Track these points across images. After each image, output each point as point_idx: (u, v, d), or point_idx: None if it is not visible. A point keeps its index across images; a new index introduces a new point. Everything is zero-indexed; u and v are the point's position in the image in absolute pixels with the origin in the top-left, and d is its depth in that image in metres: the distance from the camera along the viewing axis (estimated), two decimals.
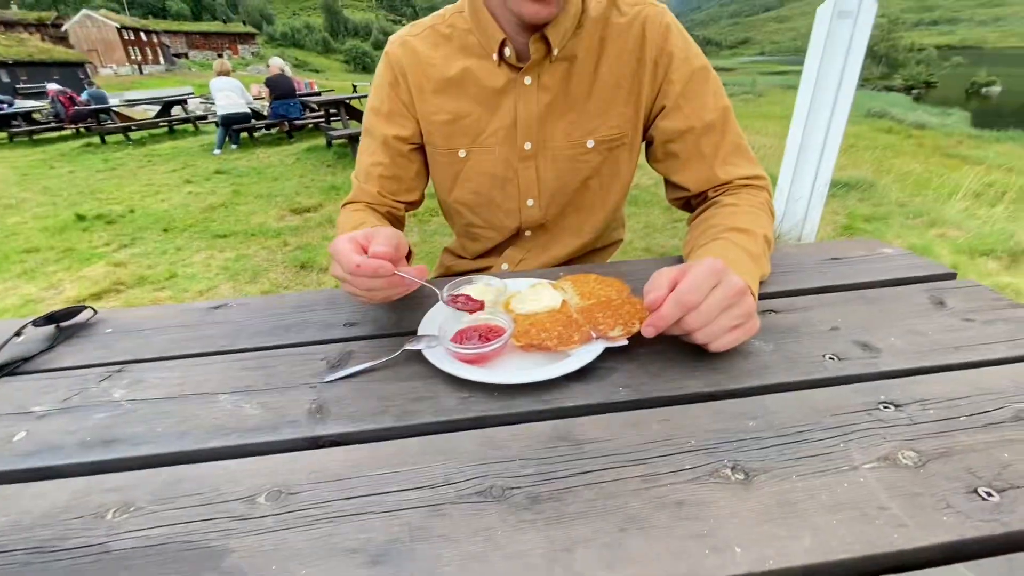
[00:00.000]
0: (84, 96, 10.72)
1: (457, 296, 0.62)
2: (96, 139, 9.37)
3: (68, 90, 10.97)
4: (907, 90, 32.86)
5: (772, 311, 0.63)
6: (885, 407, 0.46)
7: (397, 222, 0.95)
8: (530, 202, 0.89)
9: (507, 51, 0.78)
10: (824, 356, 0.54)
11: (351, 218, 0.86)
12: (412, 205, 0.96)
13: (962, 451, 0.41)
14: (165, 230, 4.16)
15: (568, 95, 0.82)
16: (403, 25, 0.94)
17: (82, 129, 10.41)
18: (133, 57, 65.30)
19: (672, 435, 0.44)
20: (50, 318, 0.69)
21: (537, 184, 0.87)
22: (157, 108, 10.93)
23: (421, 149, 0.92)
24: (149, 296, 2.95)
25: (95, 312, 0.73)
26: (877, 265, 0.74)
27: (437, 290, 0.64)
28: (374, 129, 0.89)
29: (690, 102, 0.80)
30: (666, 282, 0.51)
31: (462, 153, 0.87)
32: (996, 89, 33.84)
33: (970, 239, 3.00)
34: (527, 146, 0.84)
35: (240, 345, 0.64)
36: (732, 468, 0.40)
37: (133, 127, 9.44)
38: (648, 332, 0.52)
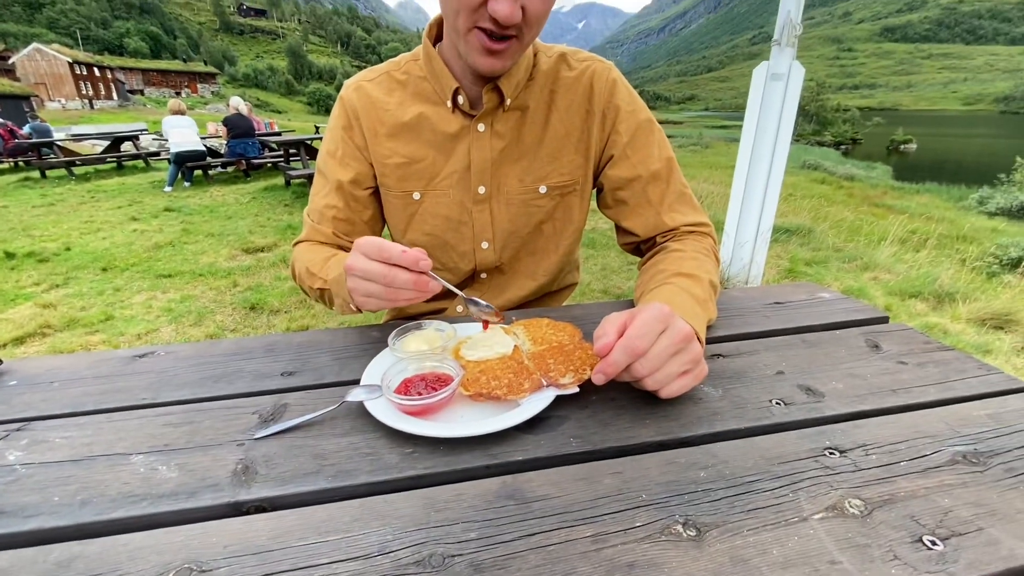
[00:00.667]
0: (26, 129, 10.27)
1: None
2: (36, 173, 8.89)
3: (8, 123, 10.49)
4: (836, 145, 35.91)
5: (720, 355, 0.64)
6: (831, 453, 0.46)
7: None
8: (485, 244, 0.89)
9: (460, 99, 0.80)
10: (771, 401, 0.54)
11: (317, 251, 0.84)
12: None
13: (905, 498, 0.41)
14: (104, 269, 3.92)
15: (521, 142, 0.84)
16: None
17: (21, 163, 9.88)
18: (84, 92, 63.43)
19: (623, 489, 0.43)
20: None
21: (492, 227, 0.87)
22: (106, 143, 10.56)
23: (375, 194, 0.91)
24: (79, 340, 2.74)
25: (0, 362, 0.66)
26: (816, 309, 0.77)
27: (462, 294, 0.64)
28: (328, 171, 0.88)
29: (637, 152, 0.83)
30: (614, 328, 0.51)
31: (416, 195, 0.87)
32: (913, 146, 37.47)
33: (899, 282, 3.22)
34: (481, 190, 0.85)
35: (163, 398, 0.58)
36: (684, 524, 0.39)
37: (77, 162, 9.02)
38: (598, 379, 0.51)
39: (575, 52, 0.86)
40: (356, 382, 0.59)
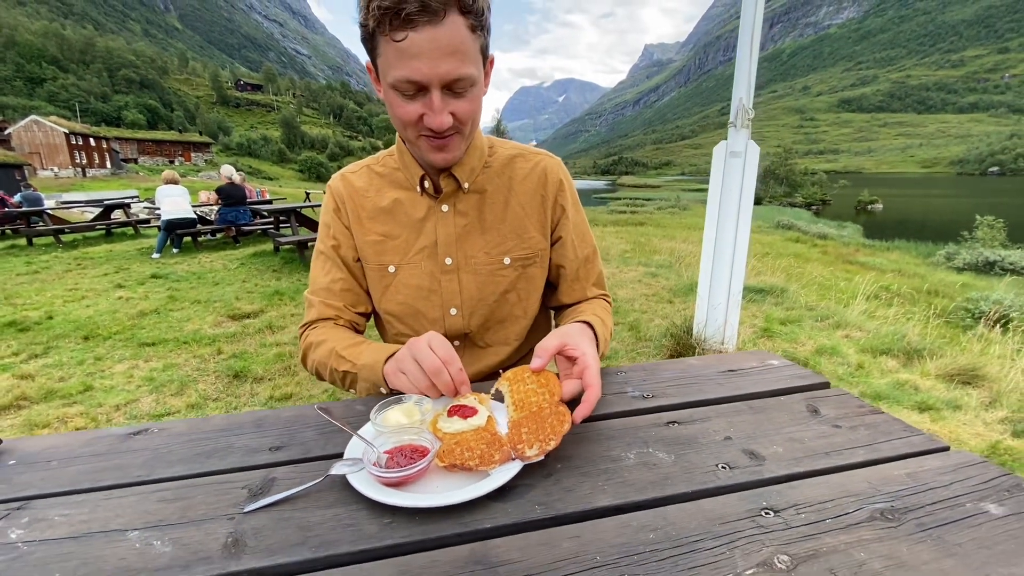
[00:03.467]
0: (17, 198, 10.40)
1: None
2: (23, 241, 8.92)
3: (0, 192, 10.62)
4: (807, 206, 37.74)
5: (676, 422, 0.70)
6: (766, 513, 0.52)
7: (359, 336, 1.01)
8: (453, 311, 0.98)
9: (426, 184, 0.94)
10: (717, 465, 0.60)
11: (342, 335, 0.94)
12: (366, 317, 1.05)
13: (827, 552, 0.46)
14: (86, 338, 3.89)
15: (483, 220, 0.97)
16: (358, 140, 1.12)
17: (8, 231, 9.93)
18: (77, 160, 64.68)
19: (579, 552, 0.47)
20: None
21: (459, 294, 0.97)
22: (96, 211, 10.70)
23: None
24: (55, 412, 2.68)
25: (0, 441, 0.69)
26: (765, 376, 0.84)
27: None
28: (327, 249, 1.00)
29: (575, 240, 1.02)
30: (550, 349, 0.72)
31: (391, 268, 0.98)
32: (879, 206, 39.51)
33: (870, 339, 3.34)
34: (448, 261, 0.96)
35: (157, 475, 0.62)
36: None
37: (66, 229, 9.10)
38: (579, 419, 0.65)
39: (528, 148, 1.04)
40: (340, 455, 0.63)
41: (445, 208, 0.95)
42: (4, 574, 0.47)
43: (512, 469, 0.57)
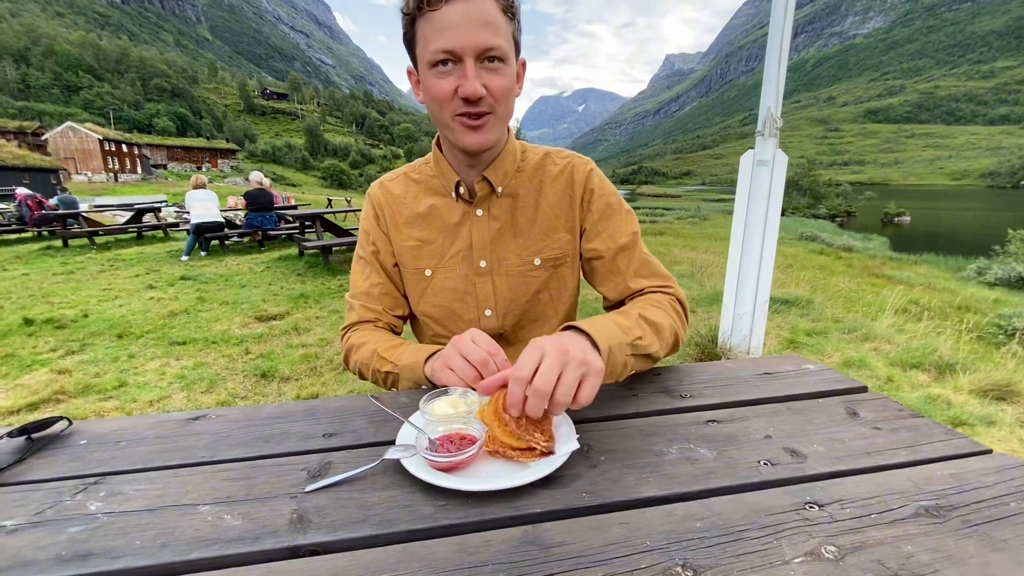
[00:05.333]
0: (54, 201, 10.80)
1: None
2: (58, 242, 9.27)
3: (37, 195, 11.05)
4: (831, 218, 37.04)
5: (715, 421, 0.72)
6: (811, 507, 0.53)
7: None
8: (488, 312, 1.01)
9: (461, 189, 0.97)
10: (759, 461, 0.61)
11: (383, 336, 0.97)
12: (404, 320, 1.09)
13: (873, 545, 0.47)
14: (119, 336, 4.02)
15: (515, 223, 0.99)
16: (379, 148, 1.15)
17: (45, 232, 10.32)
18: (110, 166, 67.00)
19: (629, 537, 0.49)
20: (23, 430, 0.70)
21: (493, 296, 1.00)
22: (128, 215, 11.07)
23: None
24: (92, 407, 2.78)
25: (70, 423, 0.74)
26: (802, 379, 0.85)
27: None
28: (367, 255, 1.04)
29: (607, 228, 1.00)
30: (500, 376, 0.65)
31: (428, 272, 1.01)
32: (906, 219, 38.60)
33: (900, 353, 3.27)
34: (482, 264, 0.99)
35: (220, 456, 0.66)
36: (682, 566, 0.45)
37: (100, 231, 9.43)
38: (513, 413, 0.61)
39: (558, 151, 1.05)
40: (391, 443, 0.66)
41: (480, 212, 0.98)
42: (88, 541, 0.51)
43: (555, 461, 0.60)
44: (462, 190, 0.97)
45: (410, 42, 0.85)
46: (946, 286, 10.06)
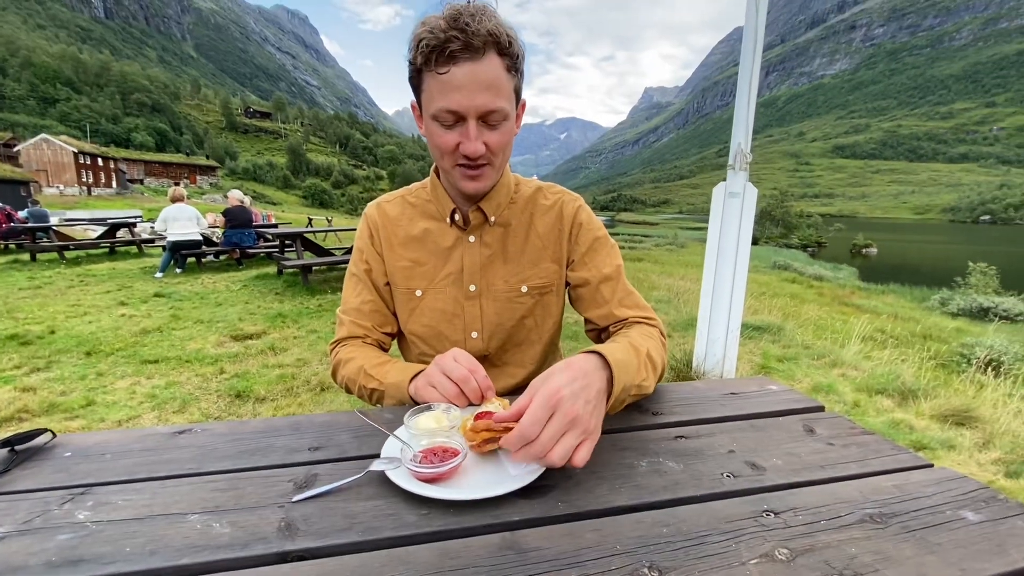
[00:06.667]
0: (23, 214, 10.52)
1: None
2: (26, 256, 8.99)
3: (6, 207, 10.76)
4: (803, 248, 38.28)
5: (683, 436, 0.76)
6: (767, 514, 0.57)
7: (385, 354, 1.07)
8: (474, 334, 1.05)
9: (456, 216, 1.01)
10: (722, 474, 0.66)
11: (370, 353, 1.00)
12: (392, 337, 1.12)
13: (822, 548, 0.52)
14: (88, 354, 3.91)
15: (505, 251, 1.04)
16: (362, 169, 1.19)
17: (12, 246, 10.01)
18: (84, 179, 65.48)
19: (601, 541, 0.53)
20: (6, 442, 0.70)
21: (480, 319, 1.04)
22: (100, 229, 10.82)
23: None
24: (57, 426, 2.69)
25: (54, 435, 0.75)
26: (765, 399, 0.90)
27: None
28: (360, 272, 1.07)
29: (593, 259, 1.06)
30: (514, 412, 0.63)
31: (418, 292, 1.05)
32: (874, 250, 40.12)
33: (866, 379, 3.39)
34: (472, 288, 1.03)
35: (207, 468, 0.67)
36: (649, 567, 0.49)
37: (71, 246, 9.19)
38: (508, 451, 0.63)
39: (550, 186, 1.11)
40: (375, 456, 0.69)
41: (472, 239, 1.03)
42: (78, 548, 0.52)
43: (536, 470, 0.63)
44: (456, 217, 1.01)
45: (416, 87, 0.88)
46: (911, 315, 10.45)
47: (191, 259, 8.33)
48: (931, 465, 0.69)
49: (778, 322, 4.93)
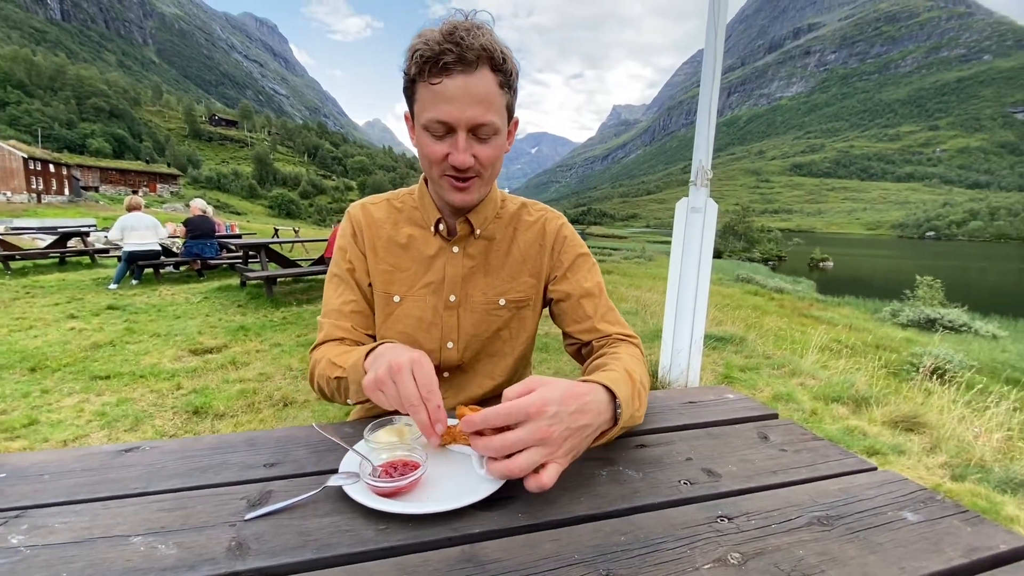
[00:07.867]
0: None
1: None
2: None
3: None
4: (764, 261, 39.73)
5: (643, 445, 0.77)
6: (721, 520, 0.59)
7: None
8: (450, 345, 1.04)
9: (441, 226, 1.01)
10: (680, 481, 0.67)
11: (340, 348, 0.96)
12: (373, 339, 1.07)
13: (772, 551, 0.54)
14: (32, 369, 3.68)
15: (487, 264, 1.04)
16: (332, 180, 1.16)
17: None
18: (33, 186, 62.19)
19: (560, 552, 0.53)
20: None
21: (457, 330, 1.04)
22: (50, 238, 10.28)
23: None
24: None
25: None
26: (722, 407, 0.93)
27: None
28: (342, 272, 1.05)
29: (575, 275, 1.06)
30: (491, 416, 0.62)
31: (396, 298, 1.03)
32: (830, 264, 42.01)
33: (823, 387, 3.52)
34: (451, 298, 1.03)
35: (155, 487, 0.64)
36: (606, 575, 0.50)
37: (16, 256, 8.69)
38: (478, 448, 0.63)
39: (534, 203, 1.12)
40: (333, 471, 0.67)
41: (455, 250, 1.03)
42: (11, 575, 0.49)
43: (497, 482, 0.63)
44: (442, 227, 1.01)
45: (409, 97, 0.88)
46: (865, 326, 10.94)
47: (148, 270, 7.99)
48: (875, 468, 0.73)
49: (741, 333, 5.08)
